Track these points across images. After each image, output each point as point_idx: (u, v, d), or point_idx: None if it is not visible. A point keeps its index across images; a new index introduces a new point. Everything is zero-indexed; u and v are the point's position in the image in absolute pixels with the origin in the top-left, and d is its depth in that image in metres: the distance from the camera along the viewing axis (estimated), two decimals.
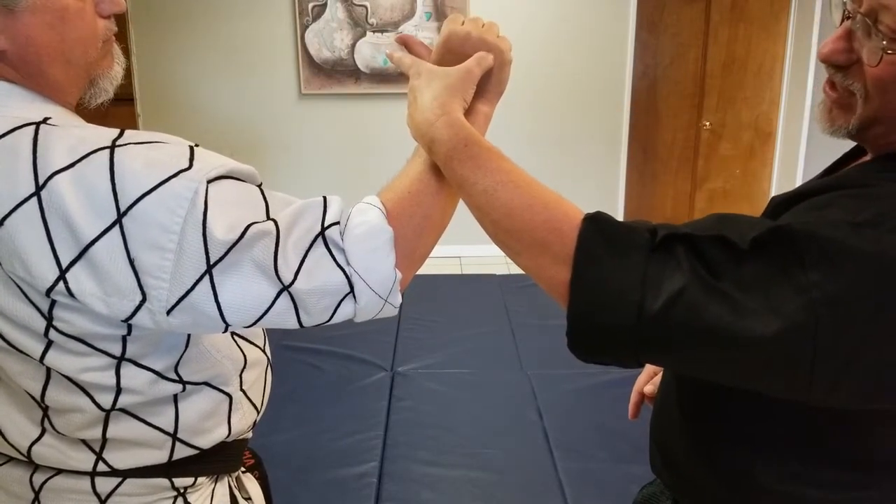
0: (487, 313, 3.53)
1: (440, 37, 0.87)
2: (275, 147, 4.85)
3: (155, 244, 0.64)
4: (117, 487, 0.81)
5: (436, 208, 0.78)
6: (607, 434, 2.45)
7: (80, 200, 0.63)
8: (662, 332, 0.63)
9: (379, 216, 0.72)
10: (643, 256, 0.65)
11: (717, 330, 0.61)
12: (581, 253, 0.67)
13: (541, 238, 0.70)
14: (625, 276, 0.64)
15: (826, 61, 0.72)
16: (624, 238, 0.67)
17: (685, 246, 0.65)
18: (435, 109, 0.79)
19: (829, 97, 0.74)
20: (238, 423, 0.88)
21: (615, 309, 0.64)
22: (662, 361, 0.69)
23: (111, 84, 0.78)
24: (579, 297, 0.67)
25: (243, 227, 0.66)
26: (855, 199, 0.66)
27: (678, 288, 0.62)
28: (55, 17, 0.69)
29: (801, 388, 0.62)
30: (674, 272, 0.63)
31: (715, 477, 0.81)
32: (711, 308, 0.61)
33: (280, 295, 0.68)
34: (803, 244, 0.60)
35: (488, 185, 0.73)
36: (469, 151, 0.75)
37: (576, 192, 4.87)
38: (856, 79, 0.70)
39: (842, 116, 0.73)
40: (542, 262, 0.70)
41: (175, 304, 0.66)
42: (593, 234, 0.67)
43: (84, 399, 0.74)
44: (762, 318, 0.60)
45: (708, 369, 0.67)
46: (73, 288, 0.64)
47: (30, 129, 0.66)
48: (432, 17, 4.57)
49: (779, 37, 4.92)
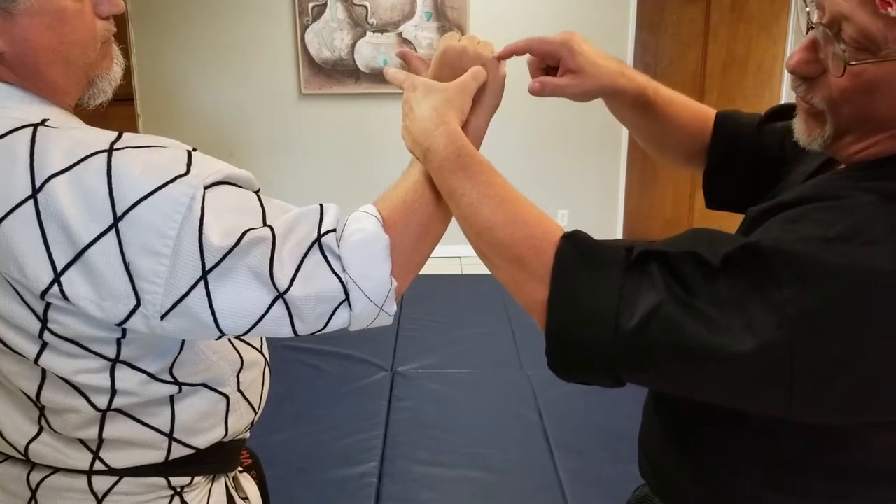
0: (487, 313, 3.53)
1: (437, 52, 0.89)
2: (275, 147, 4.85)
3: (151, 249, 0.64)
4: (114, 486, 0.81)
5: (432, 218, 0.79)
6: (607, 434, 2.45)
7: (77, 204, 0.63)
8: (639, 350, 0.63)
9: (375, 224, 0.73)
10: (619, 274, 0.65)
11: (693, 347, 0.61)
12: (558, 270, 0.67)
13: (519, 254, 0.70)
14: (600, 293, 0.64)
15: (793, 72, 0.71)
16: (600, 256, 0.67)
17: (659, 263, 0.64)
18: (434, 119, 0.80)
19: (802, 108, 0.73)
20: (235, 424, 0.88)
21: (591, 326, 0.65)
22: (641, 379, 0.68)
23: (110, 85, 0.78)
24: (556, 315, 0.67)
25: (240, 234, 0.66)
26: (827, 212, 0.65)
27: (653, 305, 0.62)
28: (53, 18, 0.68)
29: (781, 406, 0.62)
30: (648, 290, 0.63)
31: (700, 485, 0.81)
32: (686, 325, 0.61)
33: (275, 302, 0.68)
34: (774, 261, 0.60)
35: (474, 197, 0.74)
36: (461, 162, 0.76)
37: (576, 192, 4.87)
38: (818, 92, 0.69)
39: (817, 126, 0.72)
40: (519, 278, 0.71)
41: (169, 309, 0.66)
42: (570, 252, 0.68)
43: (79, 400, 0.74)
44: (737, 336, 0.59)
45: (686, 387, 0.67)
46: (67, 291, 0.64)
47: (27, 130, 0.66)
48: (432, 18, 4.57)
49: (779, 37, 4.92)
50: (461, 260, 4.66)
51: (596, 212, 4.92)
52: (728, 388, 0.63)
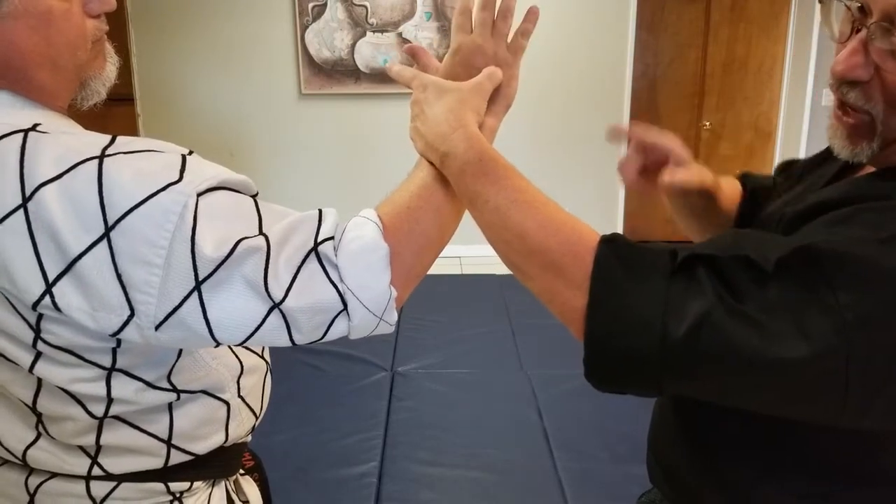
0: (487, 313, 3.53)
1: (451, 48, 0.86)
2: (275, 147, 4.85)
3: (142, 259, 0.62)
4: (112, 491, 0.80)
5: (435, 226, 0.76)
6: (607, 434, 2.45)
7: (67, 214, 0.62)
8: (687, 359, 0.60)
9: (375, 231, 0.70)
10: (664, 279, 0.62)
11: (745, 355, 0.58)
12: (598, 277, 0.64)
13: (555, 261, 0.67)
14: (645, 300, 0.61)
15: (843, 78, 0.67)
16: (642, 261, 0.64)
17: (707, 267, 0.62)
18: (451, 122, 0.77)
19: (844, 123, 0.70)
20: (236, 430, 0.87)
21: (636, 336, 0.61)
22: (687, 389, 0.65)
23: (104, 85, 0.76)
24: (597, 324, 0.64)
25: (233, 243, 0.64)
26: (878, 213, 0.63)
27: (702, 312, 0.59)
28: (39, 20, 0.66)
29: (834, 412, 0.60)
30: (696, 295, 0.60)
31: (716, 492, 0.80)
32: (738, 332, 0.58)
33: (271, 312, 0.66)
34: (830, 264, 0.58)
35: (501, 202, 0.70)
36: (483, 167, 0.73)
37: (576, 192, 4.87)
38: (871, 97, 0.66)
39: (863, 139, 0.68)
40: (555, 286, 0.67)
41: (163, 319, 0.64)
42: (610, 258, 0.64)
43: (76, 408, 0.73)
44: (791, 342, 0.57)
45: (735, 396, 0.64)
46: (59, 302, 0.63)
47: (18, 136, 0.64)
48: (432, 17, 4.57)
49: (779, 37, 4.92)
50: (461, 260, 4.66)
51: (596, 212, 4.92)
52: (780, 396, 0.61)
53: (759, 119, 5.07)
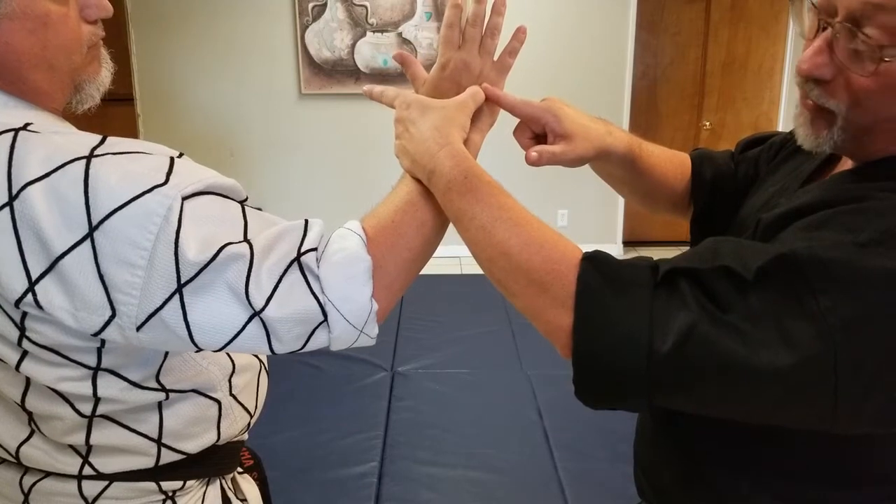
0: (487, 313, 3.53)
1: (437, 63, 0.87)
2: (274, 147, 4.85)
3: (125, 260, 0.62)
4: (104, 491, 0.80)
5: (419, 240, 0.76)
6: (607, 434, 2.45)
7: (53, 212, 0.62)
8: (675, 373, 0.61)
9: (358, 244, 0.70)
10: (647, 295, 0.62)
11: (733, 365, 0.58)
12: (582, 295, 0.64)
13: (538, 279, 0.67)
14: (630, 316, 0.62)
15: (808, 76, 0.67)
16: (625, 277, 0.64)
17: (688, 280, 0.62)
18: (437, 139, 0.77)
19: (806, 107, 0.71)
20: (228, 428, 0.87)
21: (623, 352, 0.61)
22: (678, 402, 0.65)
23: (98, 90, 0.76)
24: (583, 343, 0.64)
25: (217, 248, 0.64)
26: (853, 216, 0.63)
27: (687, 325, 0.59)
28: (36, 23, 0.67)
29: (827, 418, 0.60)
30: (680, 309, 0.61)
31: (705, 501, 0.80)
32: (724, 343, 0.59)
33: (251, 320, 0.66)
34: (810, 270, 0.58)
35: (485, 220, 0.71)
36: (468, 184, 0.73)
37: (576, 192, 4.87)
38: (834, 94, 0.67)
39: (824, 127, 0.69)
40: (539, 304, 0.67)
41: (144, 320, 0.64)
42: (592, 275, 0.65)
43: (63, 406, 0.74)
44: (775, 350, 0.57)
45: (726, 407, 0.64)
46: (41, 300, 0.63)
47: (8, 136, 0.65)
48: (432, 17, 4.57)
49: (779, 37, 4.92)
50: (461, 260, 4.66)
51: (596, 212, 4.91)
52: (770, 405, 0.61)
53: (758, 119, 5.07)
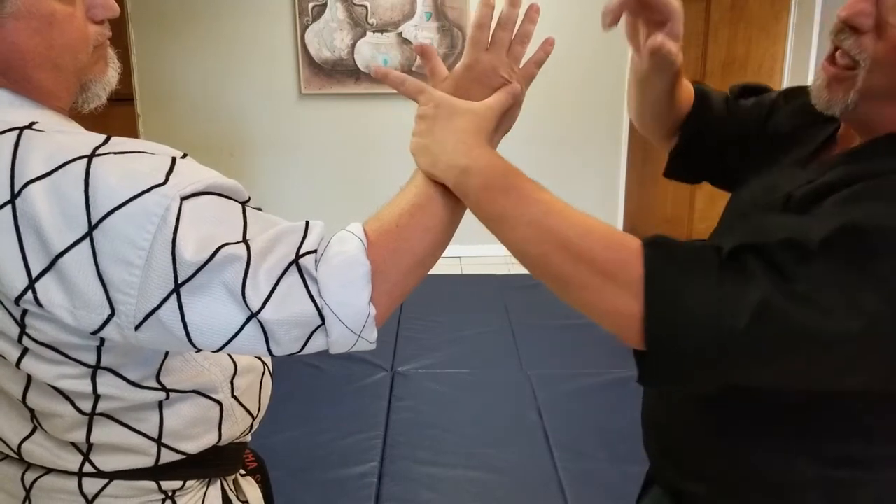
0: (487, 313, 3.53)
1: (465, 61, 0.82)
2: (275, 147, 4.85)
3: (123, 259, 0.63)
4: (104, 489, 0.81)
5: (423, 245, 0.74)
6: (607, 434, 2.45)
7: (53, 211, 0.62)
8: (753, 347, 0.62)
9: (358, 247, 0.69)
10: (715, 273, 0.63)
11: (808, 334, 0.61)
12: (651, 280, 0.64)
13: (602, 268, 0.66)
14: (701, 297, 0.63)
15: (848, 22, 0.70)
16: (691, 258, 0.65)
17: (755, 255, 0.63)
18: (467, 140, 0.76)
19: (828, 72, 0.73)
20: (229, 430, 0.87)
21: (699, 333, 0.62)
22: (751, 376, 0.67)
23: (104, 90, 0.77)
24: (657, 327, 0.64)
25: (214, 248, 0.64)
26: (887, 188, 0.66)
27: (760, 299, 0.61)
28: (42, 22, 0.67)
29: (886, 378, 0.63)
30: (749, 285, 0.62)
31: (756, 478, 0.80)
32: (798, 313, 0.60)
33: (248, 322, 0.65)
34: (875, 237, 0.61)
35: (537, 215, 0.70)
36: (510, 181, 0.72)
37: (576, 192, 4.87)
38: (865, 48, 0.69)
39: (840, 90, 0.71)
40: (605, 294, 0.67)
41: (142, 320, 0.65)
42: (659, 260, 0.65)
43: (64, 404, 0.74)
44: (845, 316, 0.60)
45: (801, 377, 0.66)
46: (41, 298, 0.64)
47: (12, 134, 0.65)
48: (432, 17, 4.57)
49: (779, 37, 4.91)
50: (461, 260, 4.66)
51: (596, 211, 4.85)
52: (841, 369, 0.64)
53: None
